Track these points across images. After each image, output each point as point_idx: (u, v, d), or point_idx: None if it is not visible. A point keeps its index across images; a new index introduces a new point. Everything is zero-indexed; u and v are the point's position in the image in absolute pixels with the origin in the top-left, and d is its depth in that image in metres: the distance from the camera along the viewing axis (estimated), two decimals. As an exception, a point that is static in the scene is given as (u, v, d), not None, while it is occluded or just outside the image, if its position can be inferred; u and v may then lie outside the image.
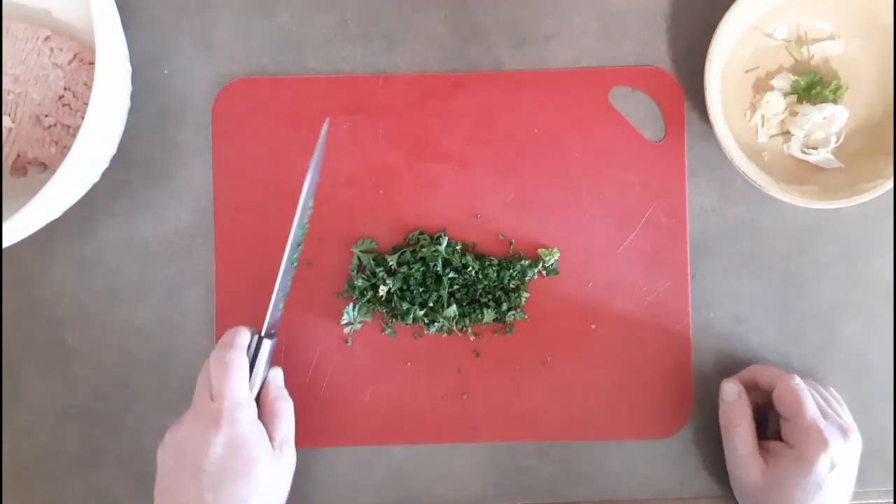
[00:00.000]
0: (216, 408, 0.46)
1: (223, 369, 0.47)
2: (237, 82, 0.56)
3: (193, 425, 0.47)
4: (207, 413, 0.46)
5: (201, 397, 0.48)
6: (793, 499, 0.48)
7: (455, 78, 0.56)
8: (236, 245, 0.56)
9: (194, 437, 0.46)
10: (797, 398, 0.50)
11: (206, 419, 0.46)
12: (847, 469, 0.49)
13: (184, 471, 0.46)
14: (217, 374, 0.47)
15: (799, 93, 0.54)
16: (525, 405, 0.55)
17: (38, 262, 0.56)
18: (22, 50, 0.52)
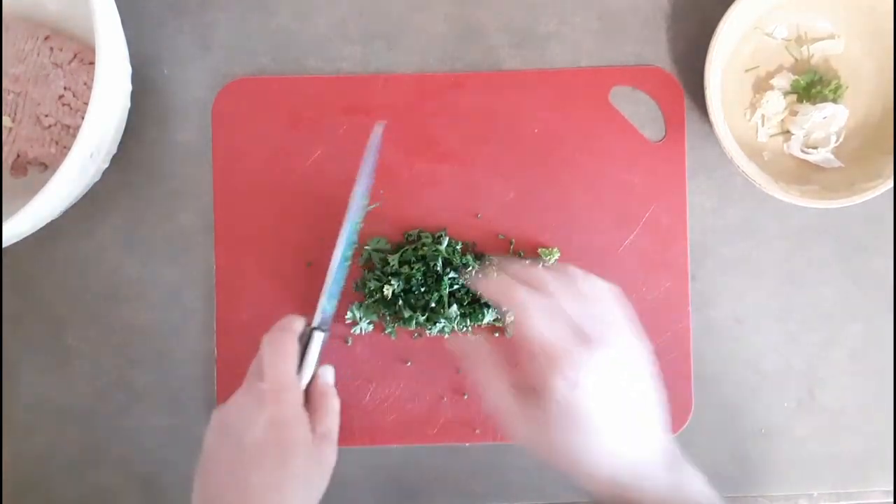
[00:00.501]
0: (263, 388, 0.46)
1: (274, 352, 0.47)
2: (237, 82, 0.56)
3: (239, 404, 0.47)
4: (254, 393, 0.47)
5: (251, 379, 0.48)
6: (569, 443, 0.39)
7: (455, 78, 0.56)
8: (236, 245, 0.56)
9: (239, 415, 0.46)
10: (519, 312, 0.40)
11: (252, 398, 0.47)
12: (608, 383, 0.39)
13: (225, 448, 0.46)
14: (268, 355, 0.47)
15: (799, 92, 0.54)
16: None
17: (38, 262, 0.56)
18: (22, 50, 0.52)
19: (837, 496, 0.57)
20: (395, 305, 0.54)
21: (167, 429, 0.56)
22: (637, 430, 0.40)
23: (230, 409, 0.47)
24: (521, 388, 0.41)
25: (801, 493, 0.57)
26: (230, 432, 0.46)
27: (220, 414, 0.48)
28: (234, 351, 0.55)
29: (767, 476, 0.56)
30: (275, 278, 0.55)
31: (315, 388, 0.50)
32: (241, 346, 0.55)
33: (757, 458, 0.56)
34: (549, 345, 0.39)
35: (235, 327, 0.55)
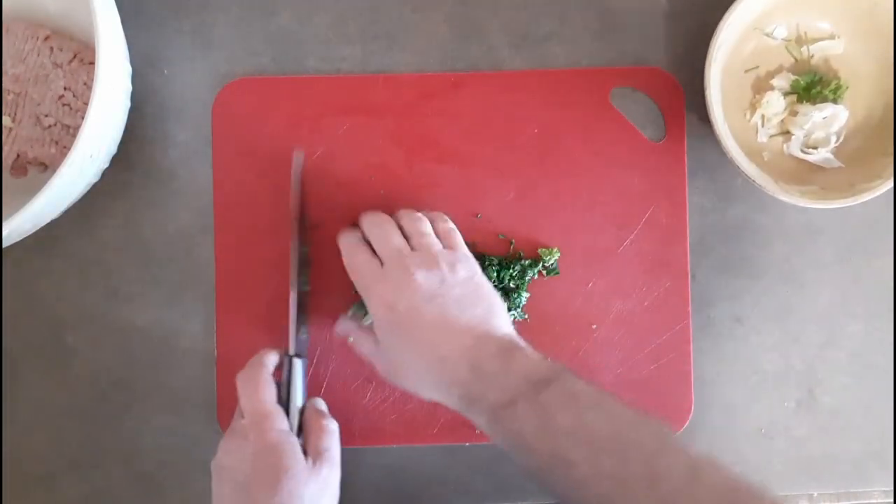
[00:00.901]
0: (243, 422, 0.47)
1: (246, 385, 0.48)
2: (237, 82, 0.56)
3: (226, 448, 0.48)
4: (237, 430, 0.48)
5: (234, 421, 0.49)
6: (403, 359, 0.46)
7: (455, 78, 0.56)
8: (236, 245, 0.56)
9: (228, 455, 0.47)
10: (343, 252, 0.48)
11: (235, 436, 0.47)
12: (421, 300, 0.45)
13: (224, 493, 0.47)
14: (242, 390, 0.48)
15: (799, 92, 0.54)
16: None
17: (38, 262, 0.56)
18: (22, 50, 0.52)
19: (837, 496, 0.57)
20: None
21: (167, 429, 0.56)
22: (458, 331, 0.45)
23: (220, 454, 0.48)
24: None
25: (801, 493, 0.57)
26: (226, 476, 0.47)
27: (215, 462, 0.48)
28: (234, 351, 0.55)
29: (767, 476, 0.56)
30: (275, 279, 0.55)
31: (308, 413, 0.50)
32: (241, 347, 0.55)
33: (757, 458, 0.56)
34: (359, 273, 0.47)
35: (235, 327, 0.55)
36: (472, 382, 0.43)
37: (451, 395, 0.45)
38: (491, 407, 0.42)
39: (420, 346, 0.45)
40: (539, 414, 0.40)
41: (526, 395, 0.41)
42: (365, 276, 0.48)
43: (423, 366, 0.45)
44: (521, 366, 0.43)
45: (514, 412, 0.41)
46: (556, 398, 0.41)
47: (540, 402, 0.41)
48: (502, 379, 0.42)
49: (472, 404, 0.43)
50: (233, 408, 0.55)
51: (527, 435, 0.41)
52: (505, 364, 0.43)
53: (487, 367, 0.43)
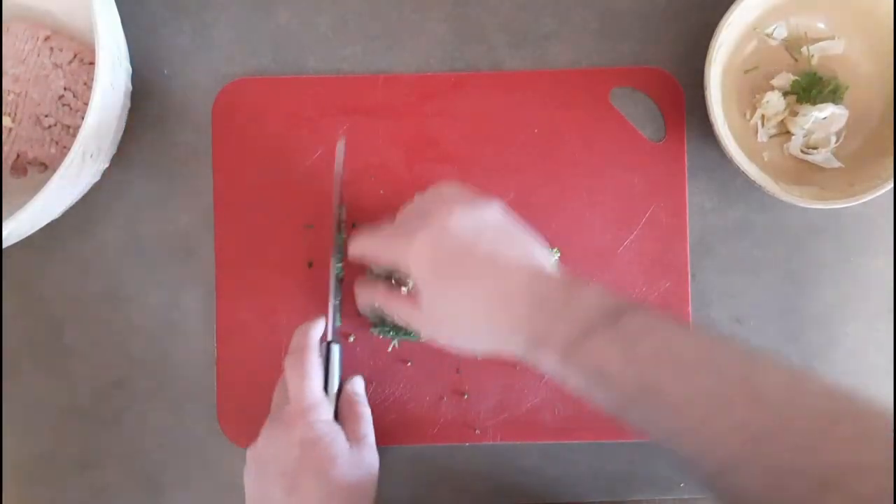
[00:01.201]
0: (292, 410, 0.47)
1: (297, 374, 0.47)
2: (237, 82, 0.56)
3: (271, 436, 0.47)
4: (283, 419, 0.47)
5: (276, 408, 0.49)
6: (453, 311, 0.42)
7: (455, 78, 0.56)
8: (236, 245, 0.56)
9: (272, 444, 0.46)
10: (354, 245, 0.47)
11: (281, 425, 0.47)
12: (437, 259, 0.41)
13: (267, 481, 0.46)
14: (292, 378, 0.47)
15: (799, 93, 0.54)
16: (525, 406, 0.55)
17: (38, 262, 0.56)
18: (22, 50, 0.52)
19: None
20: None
21: (167, 429, 0.56)
22: (511, 268, 0.41)
23: (262, 444, 0.47)
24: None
25: (801, 493, 0.57)
26: (267, 465, 0.46)
27: (253, 452, 0.47)
28: (234, 351, 0.55)
29: (767, 476, 0.56)
30: (275, 278, 0.55)
31: (345, 400, 0.51)
32: (241, 347, 0.55)
33: (757, 458, 0.56)
34: (387, 242, 0.45)
35: (236, 328, 0.55)
36: (538, 320, 0.39)
37: (514, 340, 0.40)
38: (562, 344, 0.38)
39: (473, 290, 0.41)
40: (621, 343, 0.37)
41: (602, 326, 0.37)
42: (396, 241, 0.44)
43: (478, 313, 0.41)
44: (589, 297, 0.39)
45: (592, 345, 0.37)
46: (636, 325, 0.37)
47: (619, 330, 0.37)
48: (571, 312, 0.38)
49: (541, 344, 0.39)
50: (234, 407, 0.55)
51: (609, 367, 0.37)
52: (571, 296, 0.39)
53: (552, 302, 0.39)
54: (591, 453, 0.56)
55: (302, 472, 0.45)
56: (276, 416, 0.48)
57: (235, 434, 0.56)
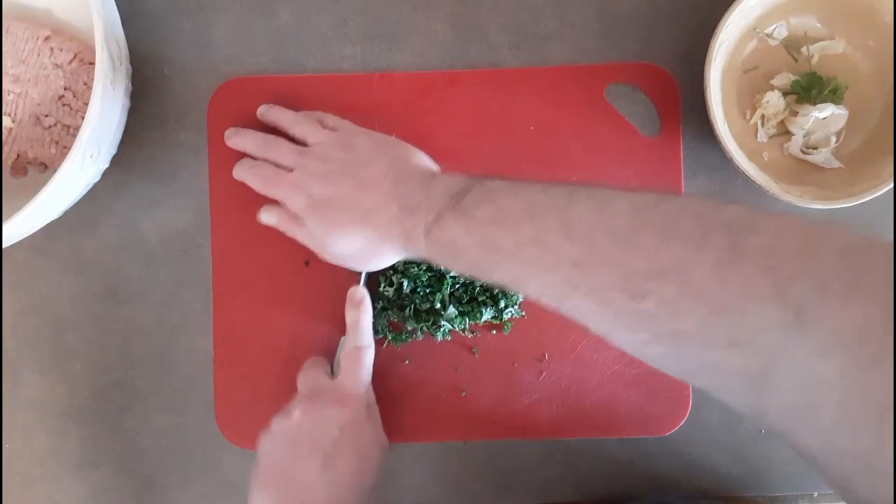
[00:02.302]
0: (339, 393, 0.50)
1: (356, 364, 0.51)
2: (232, 82, 0.56)
3: (311, 411, 0.49)
4: (327, 398, 0.50)
5: (311, 391, 0.51)
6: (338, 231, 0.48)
7: (451, 75, 0.56)
8: (234, 244, 0.56)
9: (311, 421, 0.49)
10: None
11: (324, 404, 0.49)
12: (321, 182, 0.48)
13: (298, 454, 0.48)
14: (353, 367, 0.51)
15: (799, 92, 0.54)
16: (524, 402, 0.55)
17: (38, 262, 0.56)
18: (22, 50, 0.52)
19: (837, 496, 0.57)
20: (406, 310, 0.54)
21: (167, 429, 0.56)
22: (377, 181, 0.47)
23: (299, 419, 0.49)
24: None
25: (801, 493, 0.57)
26: (302, 441, 0.48)
27: (285, 425, 0.49)
28: (231, 351, 0.55)
29: (767, 476, 0.56)
30: (272, 277, 0.55)
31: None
32: (238, 346, 0.55)
33: (757, 458, 0.56)
34: (265, 179, 0.51)
35: (233, 327, 0.56)
36: (405, 217, 0.45)
37: (392, 239, 0.46)
38: (423, 231, 0.44)
39: (347, 211, 0.47)
40: (462, 217, 0.42)
41: (449, 208, 0.43)
42: (273, 181, 0.50)
43: (358, 227, 0.47)
44: (440, 185, 0.45)
45: (443, 224, 0.43)
46: (474, 198, 0.42)
47: (460, 207, 0.43)
48: (428, 202, 0.44)
49: (411, 237, 0.45)
50: (232, 407, 0.55)
51: (457, 241, 0.43)
52: (427, 189, 0.45)
53: (413, 199, 0.45)
54: (591, 453, 0.56)
55: (340, 450, 0.47)
56: (318, 394, 0.50)
57: (233, 433, 0.56)
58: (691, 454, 0.56)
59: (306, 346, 0.55)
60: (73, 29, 0.55)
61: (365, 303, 0.52)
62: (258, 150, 0.53)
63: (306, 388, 0.51)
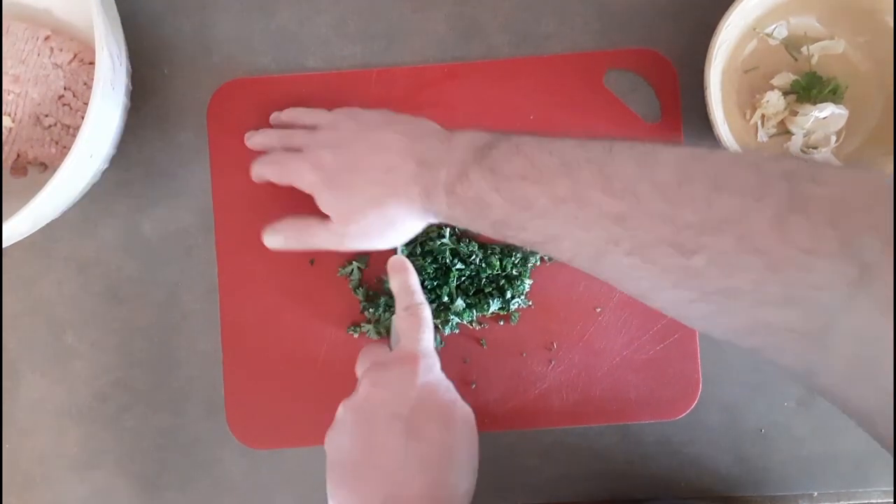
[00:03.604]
0: (405, 355, 0.47)
1: (414, 323, 0.48)
2: (231, 82, 0.56)
3: (379, 379, 0.46)
4: (394, 363, 0.47)
5: (375, 360, 0.48)
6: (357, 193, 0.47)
7: (449, 68, 0.56)
8: (238, 243, 0.56)
9: (383, 388, 0.45)
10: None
11: (394, 369, 0.46)
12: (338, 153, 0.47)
13: (375, 427, 0.44)
14: (409, 327, 0.48)
15: (799, 92, 0.54)
16: (534, 392, 0.55)
17: (38, 262, 0.56)
18: (22, 50, 0.52)
19: (837, 496, 0.57)
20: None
21: (167, 429, 0.56)
22: (393, 141, 0.45)
23: (367, 391, 0.45)
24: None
25: (801, 493, 0.57)
26: (377, 412, 0.45)
27: (353, 403, 0.46)
28: (239, 349, 0.55)
29: (767, 476, 0.56)
30: (278, 276, 0.55)
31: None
32: (246, 344, 0.55)
33: (757, 458, 0.56)
34: (278, 164, 0.49)
35: (240, 326, 0.56)
36: (425, 173, 0.43)
37: (412, 200, 0.44)
38: (447, 187, 0.42)
39: (362, 174, 0.45)
40: (489, 171, 0.40)
41: (475, 162, 0.41)
42: (284, 162, 0.49)
43: (374, 189, 0.45)
44: (462, 141, 0.43)
45: (468, 181, 0.41)
46: (502, 153, 0.41)
47: (487, 161, 0.41)
48: (449, 157, 0.43)
49: (431, 195, 0.43)
50: (242, 407, 0.55)
51: (484, 196, 0.40)
52: (447, 145, 0.44)
53: (433, 154, 0.44)
54: (591, 453, 0.56)
55: (421, 415, 0.44)
56: (381, 365, 0.47)
57: (243, 433, 0.56)
58: (691, 454, 0.56)
59: (313, 344, 0.55)
60: (73, 29, 0.55)
61: (407, 266, 0.50)
62: (272, 141, 0.52)
63: (366, 366, 0.48)
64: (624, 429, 0.56)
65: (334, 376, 0.55)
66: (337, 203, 0.46)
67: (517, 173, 0.39)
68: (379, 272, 0.56)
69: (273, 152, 0.51)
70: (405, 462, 0.43)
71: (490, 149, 0.41)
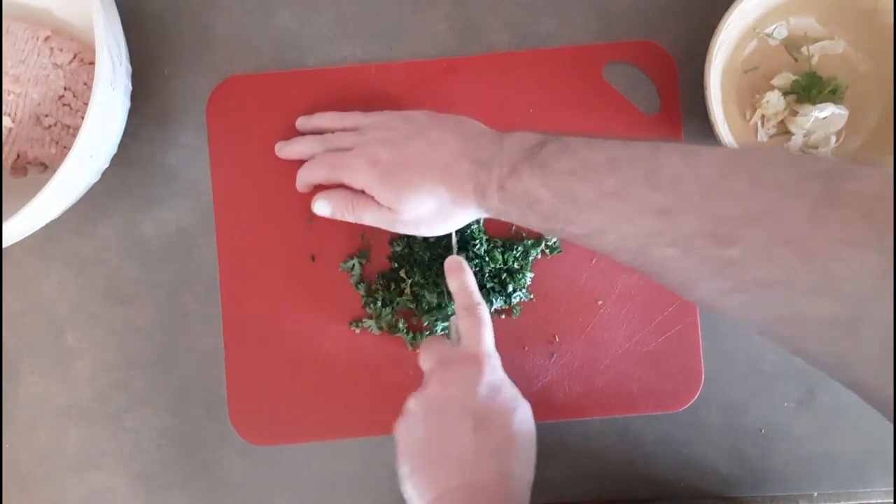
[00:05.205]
0: (472, 354, 0.48)
1: (477, 323, 0.50)
2: (229, 80, 0.56)
3: (448, 376, 0.48)
4: (461, 362, 0.48)
5: (441, 357, 0.49)
6: (412, 191, 0.48)
7: (448, 62, 0.56)
8: (239, 242, 0.56)
9: (452, 385, 0.47)
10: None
11: (462, 367, 0.48)
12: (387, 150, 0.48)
13: (445, 420, 0.46)
14: (472, 327, 0.49)
15: (799, 92, 0.54)
16: (537, 385, 0.56)
17: (38, 262, 0.56)
18: (22, 50, 0.52)
19: (837, 496, 0.57)
20: (419, 300, 0.54)
21: (167, 429, 0.56)
22: (447, 141, 0.47)
23: (438, 387, 0.48)
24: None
25: (801, 493, 0.57)
26: (448, 406, 0.47)
27: (423, 397, 0.48)
28: (242, 347, 0.56)
29: (767, 476, 0.56)
30: (279, 273, 0.56)
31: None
32: (248, 340, 0.55)
33: (757, 457, 0.56)
34: (331, 162, 0.50)
35: (242, 324, 0.56)
36: (479, 171, 0.45)
37: (466, 196, 0.46)
38: (497, 185, 0.44)
39: (420, 172, 0.47)
40: (539, 168, 0.42)
41: (525, 161, 0.43)
42: (336, 163, 0.50)
43: (432, 184, 0.47)
44: (513, 140, 0.46)
45: (519, 178, 0.43)
46: (551, 151, 0.43)
47: (537, 159, 0.43)
48: (501, 156, 0.45)
49: (486, 191, 0.45)
50: (245, 404, 0.55)
51: (534, 192, 0.42)
52: (500, 145, 0.46)
53: (486, 154, 0.46)
54: (591, 453, 0.56)
55: (488, 411, 0.46)
56: (447, 362, 0.49)
57: (246, 429, 0.56)
58: (691, 454, 0.56)
59: (315, 339, 0.55)
60: (73, 29, 0.55)
61: (465, 266, 0.51)
62: (312, 148, 0.52)
63: (432, 362, 0.50)
64: (624, 429, 0.56)
65: (337, 371, 0.55)
66: (395, 197, 0.48)
67: (565, 170, 0.41)
68: (380, 267, 0.56)
69: (320, 155, 0.52)
70: (475, 453, 0.45)
71: (540, 147, 0.43)
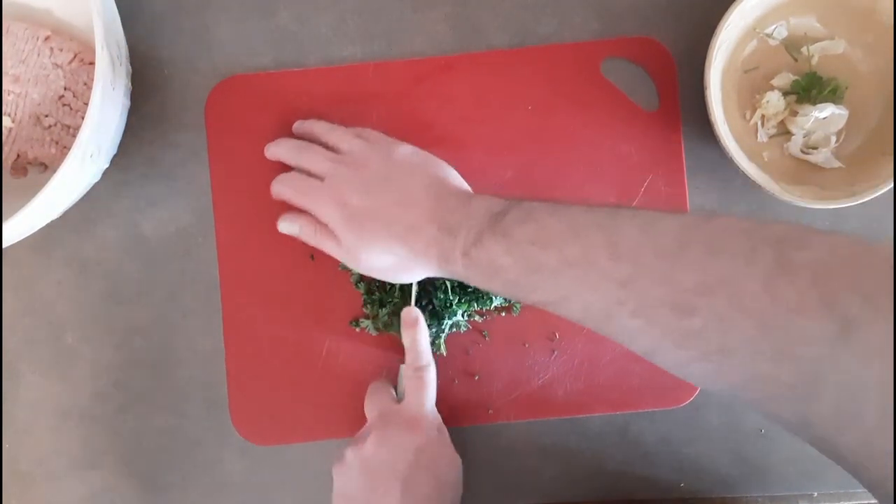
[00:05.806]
0: (409, 418, 0.50)
1: (419, 385, 0.51)
2: (228, 80, 0.56)
3: (383, 438, 0.49)
4: (397, 424, 0.50)
5: (381, 415, 0.51)
6: (373, 245, 0.48)
7: (446, 60, 0.56)
8: (239, 242, 0.56)
9: (385, 448, 0.49)
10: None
11: (397, 430, 0.49)
12: (354, 191, 0.48)
13: (377, 483, 0.48)
14: (417, 388, 0.51)
15: (799, 92, 0.54)
16: (537, 382, 0.56)
17: (38, 262, 0.56)
18: (22, 50, 0.52)
19: (837, 496, 0.57)
20: (421, 302, 0.54)
21: (167, 429, 0.56)
22: (417, 199, 0.47)
23: (374, 447, 0.49)
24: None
25: (801, 493, 0.57)
26: (380, 469, 0.48)
27: (360, 453, 0.49)
28: (242, 347, 0.56)
29: (767, 476, 0.56)
30: (279, 273, 0.55)
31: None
32: (248, 340, 0.56)
33: (757, 458, 0.56)
34: (299, 190, 0.50)
35: (242, 324, 0.56)
36: (444, 238, 0.45)
37: (429, 259, 0.46)
38: (463, 250, 0.44)
39: (386, 228, 0.47)
40: (502, 236, 0.42)
41: (489, 228, 0.43)
42: (305, 190, 0.50)
43: (395, 244, 0.47)
44: (479, 206, 0.45)
45: (482, 246, 0.43)
46: (514, 218, 0.43)
47: (500, 226, 0.43)
48: (467, 223, 0.45)
49: (449, 257, 0.45)
50: (245, 404, 0.55)
51: (497, 260, 0.43)
52: (467, 209, 0.45)
53: (453, 219, 0.45)
54: (591, 453, 0.56)
55: (418, 476, 0.47)
56: (387, 421, 0.50)
57: (246, 429, 0.56)
58: (691, 454, 0.56)
59: (315, 339, 0.55)
60: (73, 29, 0.55)
61: (420, 322, 0.52)
62: (291, 156, 0.52)
63: (374, 415, 0.51)
64: (624, 429, 0.56)
65: (337, 371, 0.55)
66: (354, 243, 0.48)
67: (528, 238, 0.42)
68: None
69: (295, 175, 0.51)
70: None
71: (503, 215, 0.43)
